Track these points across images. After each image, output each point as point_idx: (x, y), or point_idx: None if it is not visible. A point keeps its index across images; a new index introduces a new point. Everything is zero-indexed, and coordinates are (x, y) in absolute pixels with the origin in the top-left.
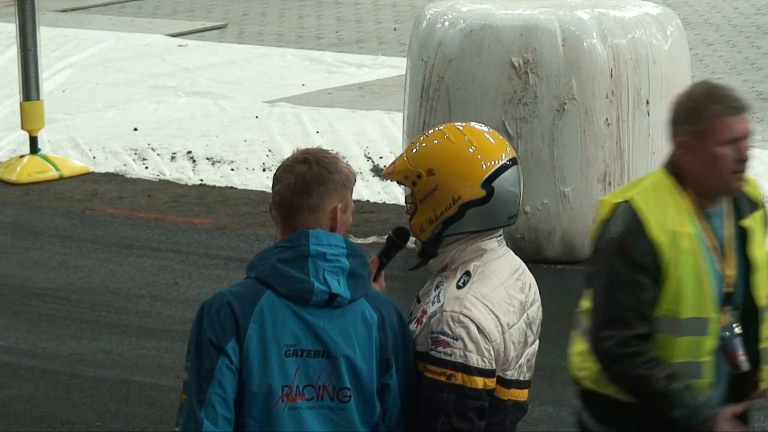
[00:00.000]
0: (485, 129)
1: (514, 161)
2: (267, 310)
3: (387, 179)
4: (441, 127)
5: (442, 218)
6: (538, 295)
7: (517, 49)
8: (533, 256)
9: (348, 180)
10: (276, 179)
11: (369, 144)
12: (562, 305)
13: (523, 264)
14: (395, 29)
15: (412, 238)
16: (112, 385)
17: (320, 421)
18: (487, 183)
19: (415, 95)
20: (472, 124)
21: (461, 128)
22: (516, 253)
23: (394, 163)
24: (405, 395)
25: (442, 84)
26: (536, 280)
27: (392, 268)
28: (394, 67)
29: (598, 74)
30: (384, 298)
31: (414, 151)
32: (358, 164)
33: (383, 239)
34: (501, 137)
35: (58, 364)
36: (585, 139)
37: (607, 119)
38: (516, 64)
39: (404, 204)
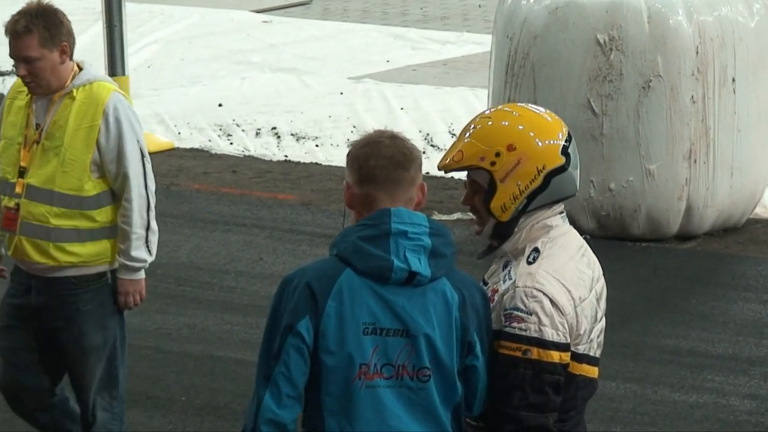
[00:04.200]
0: (543, 110)
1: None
2: (346, 288)
3: (449, 170)
4: (501, 108)
5: (528, 192)
6: (602, 272)
7: (602, 26)
8: (618, 234)
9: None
10: (362, 156)
11: (453, 120)
12: (646, 283)
13: (585, 242)
14: (480, 6)
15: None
16: (197, 360)
17: (399, 400)
18: (564, 150)
19: (500, 72)
20: (528, 105)
21: (525, 106)
22: (601, 231)
23: (459, 151)
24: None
25: (527, 61)
26: (621, 258)
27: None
28: (479, 43)
29: (684, 52)
30: (467, 279)
31: (480, 128)
32: (443, 141)
33: (468, 215)
34: (556, 117)
35: (144, 339)
36: (670, 117)
37: (692, 97)
38: (601, 41)
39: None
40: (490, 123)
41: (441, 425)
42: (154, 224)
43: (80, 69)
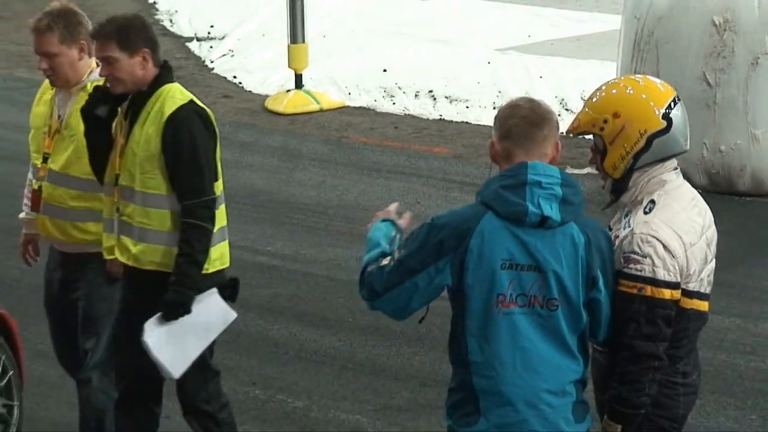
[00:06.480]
0: (658, 81)
1: (678, 98)
2: (487, 229)
3: (572, 134)
4: (615, 80)
5: (633, 152)
6: (713, 219)
7: (718, 9)
8: (726, 189)
9: (558, 123)
10: (503, 117)
11: (585, 88)
12: (751, 232)
13: (698, 193)
14: None
15: None
16: None
17: (531, 325)
18: (666, 115)
19: (627, 47)
20: (647, 76)
21: (635, 78)
22: (711, 186)
23: (577, 119)
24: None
25: (651, 38)
26: (728, 211)
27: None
28: (609, 22)
29: None
30: (593, 224)
31: (594, 100)
32: (575, 105)
33: (595, 170)
34: (669, 87)
35: (317, 268)
36: None
37: None
38: (717, 23)
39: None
40: (602, 94)
41: (567, 347)
42: None
43: (97, 65)
